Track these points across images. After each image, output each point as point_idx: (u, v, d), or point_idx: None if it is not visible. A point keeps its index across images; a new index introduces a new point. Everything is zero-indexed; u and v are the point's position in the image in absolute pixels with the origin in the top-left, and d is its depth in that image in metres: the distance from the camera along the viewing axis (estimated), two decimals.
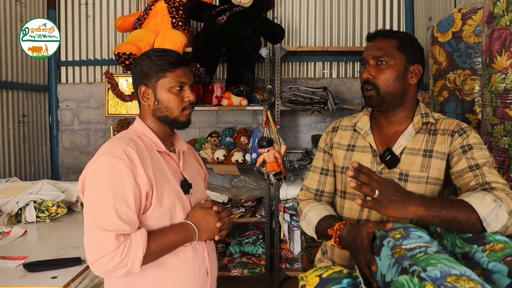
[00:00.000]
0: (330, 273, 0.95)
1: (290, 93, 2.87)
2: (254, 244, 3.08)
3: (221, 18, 2.87)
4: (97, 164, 1.07)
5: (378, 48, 1.19)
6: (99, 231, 1.02)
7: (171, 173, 1.19)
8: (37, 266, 1.38)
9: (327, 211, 1.26)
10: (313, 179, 1.39)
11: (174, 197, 1.17)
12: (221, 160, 2.99)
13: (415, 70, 1.21)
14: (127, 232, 1.05)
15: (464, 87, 1.78)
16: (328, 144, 1.37)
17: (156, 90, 1.18)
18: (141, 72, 1.19)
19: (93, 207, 1.06)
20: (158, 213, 1.13)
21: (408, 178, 1.18)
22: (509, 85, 1.29)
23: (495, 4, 1.33)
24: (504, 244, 0.88)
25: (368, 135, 1.26)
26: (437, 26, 1.85)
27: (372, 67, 1.19)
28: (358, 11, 3.41)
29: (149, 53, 1.20)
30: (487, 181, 1.06)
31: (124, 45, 2.78)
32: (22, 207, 2.00)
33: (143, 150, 1.14)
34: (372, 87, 1.18)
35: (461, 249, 0.95)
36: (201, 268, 1.23)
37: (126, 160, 1.07)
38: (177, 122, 1.22)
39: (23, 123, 3.18)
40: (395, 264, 0.85)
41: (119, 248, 1.02)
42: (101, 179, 1.05)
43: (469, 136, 1.15)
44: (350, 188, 1.26)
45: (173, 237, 1.12)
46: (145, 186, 1.09)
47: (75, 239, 1.75)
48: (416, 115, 1.23)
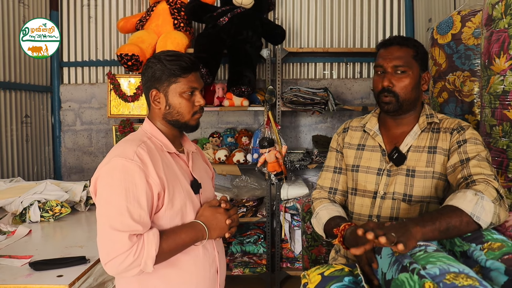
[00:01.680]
0: (332, 271, 0.97)
1: (291, 94, 2.89)
2: (255, 244, 3.10)
3: (222, 19, 2.89)
4: (109, 165, 1.08)
5: (397, 57, 1.23)
6: (112, 232, 1.03)
7: (181, 173, 1.21)
8: (43, 265, 1.40)
9: (338, 212, 1.31)
10: (327, 178, 1.44)
11: (185, 197, 1.18)
12: (222, 160, 3.01)
13: (425, 77, 1.28)
14: (140, 232, 1.06)
15: (463, 89, 1.80)
16: (340, 144, 1.44)
17: (168, 95, 1.19)
18: (152, 76, 1.19)
19: (106, 208, 1.07)
20: (170, 213, 1.14)
21: (415, 174, 1.24)
22: (508, 87, 1.31)
23: (493, 7, 1.35)
24: (502, 243, 0.90)
25: (377, 135, 1.33)
26: (437, 28, 1.87)
27: (391, 75, 1.23)
28: (359, 12, 3.43)
29: (161, 56, 1.20)
30: (470, 173, 1.10)
31: (126, 46, 2.80)
32: (26, 207, 2.01)
33: (154, 151, 1.16)
34: (391, 95, 1.23)
35: (459, 248, 0.97)
36: (211, 266, 1.25)
37: (138, 161, 1.08)
38: (187, 126, 1.24)
39: (26, 124, 3.20)
40: (396, 262, 0.87)
41: (132, 248, 1.03)
42: (113, 181, 1.06)
43: (466, 132, 1.21)
44: (360, 185, 1.33)
45: (185, 236, 1.13)
46: (157, 187, 1.10)
47: (79, 238, 1.76)
48: (421, 116, 1.30)
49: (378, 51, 1.30)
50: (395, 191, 1.26)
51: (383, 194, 1.27)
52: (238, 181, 3.26)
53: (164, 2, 3.09)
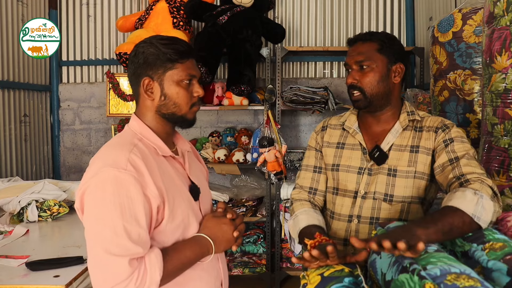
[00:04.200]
0: (332, 271, 0.95)
1: (291, 93, 2.88)
2: (255, 244, 3.09)
3: (222, 18, 2.88)
4: (98, 177, 0.91)
5: (359, 53, 1.23)
6: (109, 257, 0.87)
7: (179, 179, 1.06)
8: (39, 265, 1.39)
9: (318, 220, 1.28)
10: (306, 177, 1.40)
11: (186, 208, 1.04)
12: (222, 159, 2.99)
13: (398, 69, 1.24)
14: (141, 255, 0.91)
15: (464, 87, 1.79)
16: (319, 143, 1.40)
17: (163, 83, 1.02)
18: (144, 61, 1.02)
19: (97, 228, 0.90)
20: (172, 226, 1.00)
21: (396, 173, 1.22)
22: (509, 85, 1.30)
23: (495, 4, 1.33)
24: (504, 243, 0.88)
25: (357, 133, 1.30)
26: (438, 26, 1.86)
27: (356, 72, 1.23)
28: (359, 11, 3.41)
29: (153, 40, 1.02)
30: (463, 172, 1.08)
31: (125, 45, 2.79)
32: (24, 206, 2.00)
33: (148, 156, 0.99)
34: (358, 90, 1.22)
35: (461, 248, 0.95)
36: (216, 280, 1.15)
37: (132, 171, 0.92)
38: (184, 120, 1.08)
39: (25, 123, 3.19)
40: (395, 263, 0.86)
41: (133, 275, 0.88)
42: (104, 195, 0.89)
43: (451, 131, 1.19)
44: (341, 185, 1.30)
45: (190, 253, 1.00)
46: (156, 199, 0.95)
47: (77, 238, 1.75)
48: (402, 113, 1.27)
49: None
50: (376, 191, 1.23)
51: (364, 193, 1.25)
52: (238, 181, 3.24)
53: (164, 1, 3.07)
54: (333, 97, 2.93)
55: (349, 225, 1.26)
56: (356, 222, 1.25)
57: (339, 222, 1.28)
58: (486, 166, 1.40)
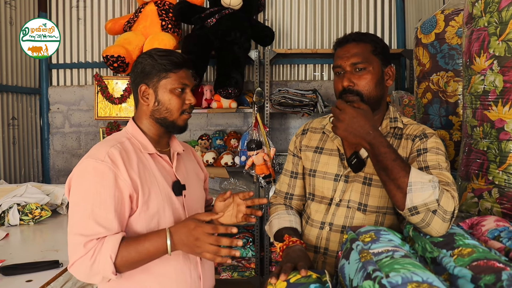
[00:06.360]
0: (298, 277, 0.93)
1: (279, 96, 2.86)
2: (244, 247, 3.06)
3: (210, 20, 2.86)
4: (81, 167, 1.07)
5: (355, 54, 1.14)
6: (74, 236, 1.02)
7: (161, 174, 1.16)
8: (12, 270, 1.38)
9: (289, 222, 1.26)
10: (284, 182, 1.38)
11: (162, 200, 1.13)
12: (210, 162, 2.97)
13: (389, 72, 1.20)
14: (102, 235, 1.02)
15: (447, 89, 1.77)
16: (297, 147, 1.36)
17: (157, 91, 1.16)
18: (142, 71, 1.16)
19: (72, 211, 1.06)
20: (145, 216, 1.10)
21: (372, 182, 1.17)
22: (488, 87, 1.28)
23: (473, 5, 1.31)
24: (473, 248, 0.86)
25: (336, 138, 1.25)
26: (421, 28, 1.84)
27: (351, 74, 1.14)
28: (349, 13, 3.40)
29: (152, 52, 1.17)
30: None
31: (112, 48, 2.77)
32: (5, 210, 1.98)
33: (130, 151, 1.12)
34: (355, 95, 1.13)
35: (430, 254, 0.93)
36: (193, 272, 1.19)
37: (108, 162, 1.05)
38: (174, 126, 1.19)
39: (13, 126, 3.17)
40: (362, 268, 0.84)
41: (89, 253, 1.00)
42: (83, 182, 1.05)
43: (428, 140, 1.13)
44: (318, 191, 1.26)
45: (148, 245, 1.02)
46: (128, 188, 1.06)
47: (57, 242, 1.73)
48: (385, 119, 1.22)
49: (335, 51, 1.21)
50: (351, 199, 1.18)
51: (338, 201, 1.20)
52: (227, 184, 3.23)
53: (152, 4, 3.06)
54: (322, 99, 2.91)
55: (320, 232, 1.22)
56: (328, 229, 1.21)
57: (312, 228, 1.25)
58: (465, 169, 1.38)
